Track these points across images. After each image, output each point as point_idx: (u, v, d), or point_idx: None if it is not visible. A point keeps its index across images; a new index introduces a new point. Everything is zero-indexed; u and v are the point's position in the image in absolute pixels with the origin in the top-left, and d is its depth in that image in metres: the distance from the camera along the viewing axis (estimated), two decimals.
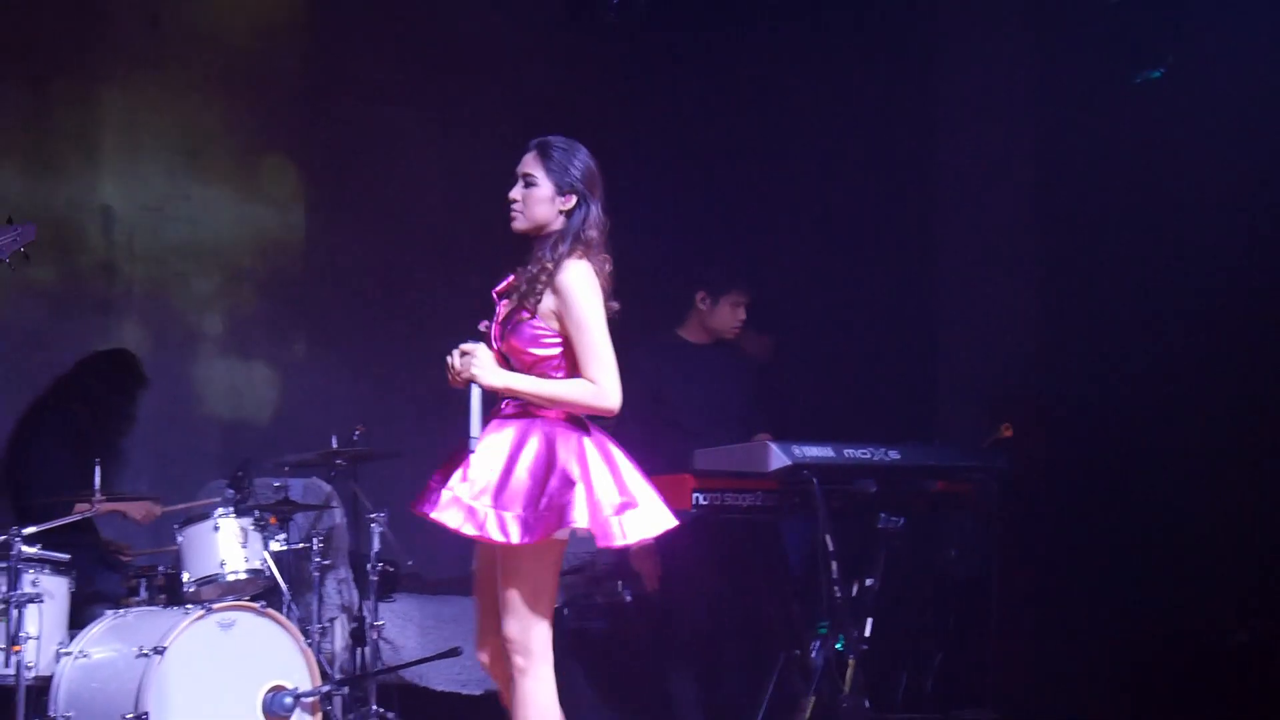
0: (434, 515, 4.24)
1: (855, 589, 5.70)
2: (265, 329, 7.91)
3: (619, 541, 4.12)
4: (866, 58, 8.85)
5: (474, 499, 4.17)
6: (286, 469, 6.53)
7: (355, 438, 6.14)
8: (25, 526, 5.41)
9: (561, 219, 4.32)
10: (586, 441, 4.21)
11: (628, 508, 4.14)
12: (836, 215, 8.46)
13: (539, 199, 4.32)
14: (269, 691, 5.53)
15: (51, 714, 5.45)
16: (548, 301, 4.22)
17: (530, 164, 4.34)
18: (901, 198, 8.97)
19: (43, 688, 5.50)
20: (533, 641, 4.20)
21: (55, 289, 7.17)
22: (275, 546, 5.96)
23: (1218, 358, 7.86)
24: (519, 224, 4.39)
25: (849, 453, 5.47)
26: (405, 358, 8.15)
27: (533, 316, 4.22)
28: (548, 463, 4.18)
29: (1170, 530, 7.55)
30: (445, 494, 4.21)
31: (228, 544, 5.77)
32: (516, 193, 4.36)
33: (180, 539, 5.85)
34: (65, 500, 5.76)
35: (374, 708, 5.79)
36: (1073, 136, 8.46)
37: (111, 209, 7.38)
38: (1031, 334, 8.65)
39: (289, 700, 5.53)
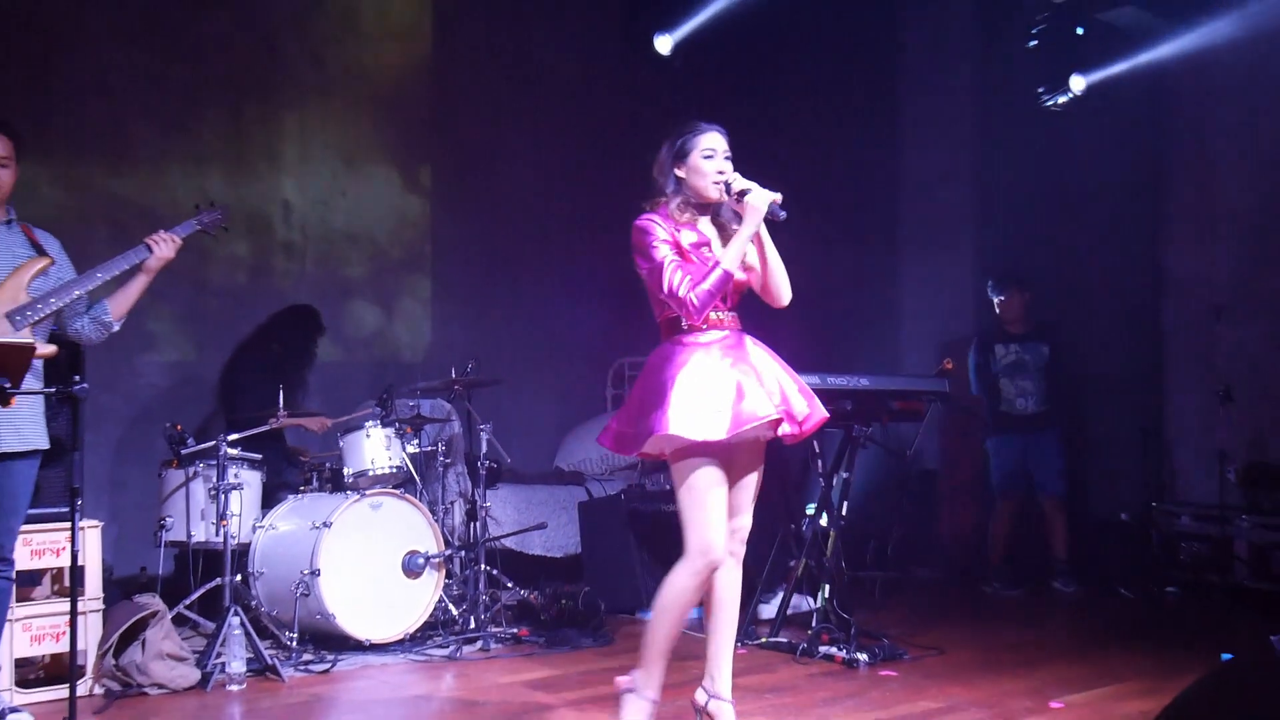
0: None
1: (835, 480, 5.70)
2: (403, 290, 7.93)
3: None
4: (849, 89, 8.87)
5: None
6: (419, 392, 6.60)
7: (469, 370, 6.13)
8: (230, 435, 5.48)
9: None
10: None
11: None
12: (827, 207, 8.46)
13: None
14: (406, 554, 5.63)
15: (249, 570, 5.57)
16: None
17: (728, 147, 3.87)
18: (873, 194, 9.03)
19: (243, 551, 5.61)
20: None
21: (250, 261, 7.21)
22: (410, 449, 6.03)
23: (1110, 309, 7.92)
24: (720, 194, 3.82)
25: (832, 380, 5.45)
26: (506, 311, 8.23)
27: None
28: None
29: (1071, 438, 7.62)
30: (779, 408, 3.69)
31: (376, 447, 5.82)
32: (728, 167, 3.84)
33: (342, 444, 5.91)
34: (261, 416, 5.81)
35: (483, 566, 5.84)
36: (1003, 146, 8.57)
37: (290, 202, 7.42)
38: (970, 295, 8.73)
39: (421, 560, 5.64)
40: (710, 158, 3.83)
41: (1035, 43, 7.31)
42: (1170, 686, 3.98)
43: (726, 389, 3.62)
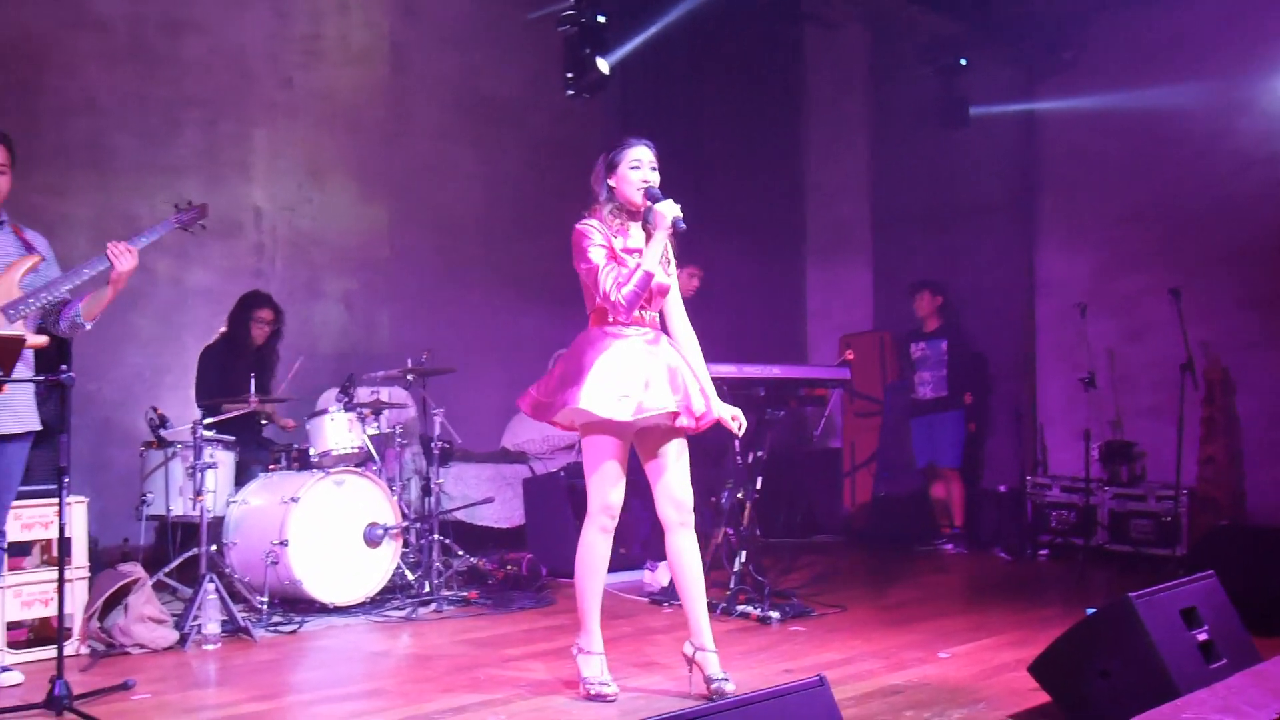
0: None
1: (751, 458, 5.67)
2: (363, 288, 7.83)
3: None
4: (762, 109, 8.89)
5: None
6: (378, 380, 6.52)
7: (423, 359, 6.09)
8: (205, 419, 5.36)
9: None
10: None
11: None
12: (741, 219, 8.48)
13: None
14: (367, 525, 5.55)
15: (224, 541, 5.47)
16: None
17: (654, 158, 3.85)
18: (782, 206, 9.08)
19: (217, 524, 5.51)
20: None
21: (224, 263, 7.10)
22: (371, 431, 5.96)
23: (990, 307, 8.01)
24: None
25: (747, 369, 5.40)
26: (456, 308, 8.15)
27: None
28: None
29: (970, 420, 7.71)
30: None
31: (339, 430, 5.75)
32: (652, 177, 3.82)
33: (309, 426, 5.84)
34: (219, 402, 5.70)
35: (436, 536, 5.79)
36: (894, 163, 8.62)
37: (261, 209, 7.32)
38: (868, 295, 8.80)
39: (380, 531, 5.56)
40: (637, 168, 3.83)
41: (932, 73, 7.39)
42: (1042, 638, 4.01)
43: (638, 378, 3.67)
